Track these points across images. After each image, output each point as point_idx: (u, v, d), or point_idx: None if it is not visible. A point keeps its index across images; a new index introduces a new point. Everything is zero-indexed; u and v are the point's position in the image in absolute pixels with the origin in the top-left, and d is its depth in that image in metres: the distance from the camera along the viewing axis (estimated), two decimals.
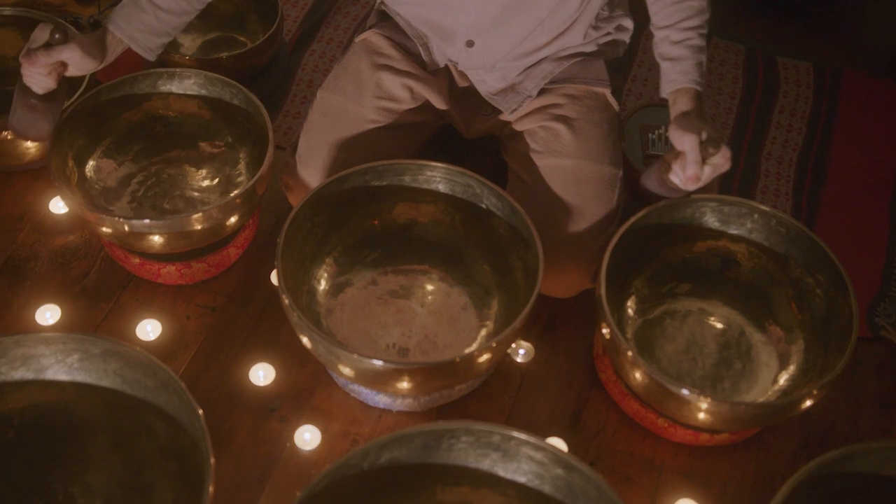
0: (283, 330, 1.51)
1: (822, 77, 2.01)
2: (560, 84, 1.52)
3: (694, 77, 1.38)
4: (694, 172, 1.31)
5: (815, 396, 1.28)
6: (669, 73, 1.40)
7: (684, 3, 1.39)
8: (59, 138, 1.49)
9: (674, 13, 1.40)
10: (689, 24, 1.39)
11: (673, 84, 1.39)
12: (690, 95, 1.37)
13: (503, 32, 1.44)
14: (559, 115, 1.51)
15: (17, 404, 1.24)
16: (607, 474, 1.40)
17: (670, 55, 1.40)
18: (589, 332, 1.55)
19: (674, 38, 1.39)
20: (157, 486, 1.23)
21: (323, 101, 1.55)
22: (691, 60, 1.38)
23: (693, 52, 1.39)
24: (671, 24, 1.40)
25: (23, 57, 1.34)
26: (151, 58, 1.45)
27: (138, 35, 1.41)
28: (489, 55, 1.47)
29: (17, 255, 1.60)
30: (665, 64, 1.41)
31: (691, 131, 1.31)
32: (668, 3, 1.40)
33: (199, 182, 1.63)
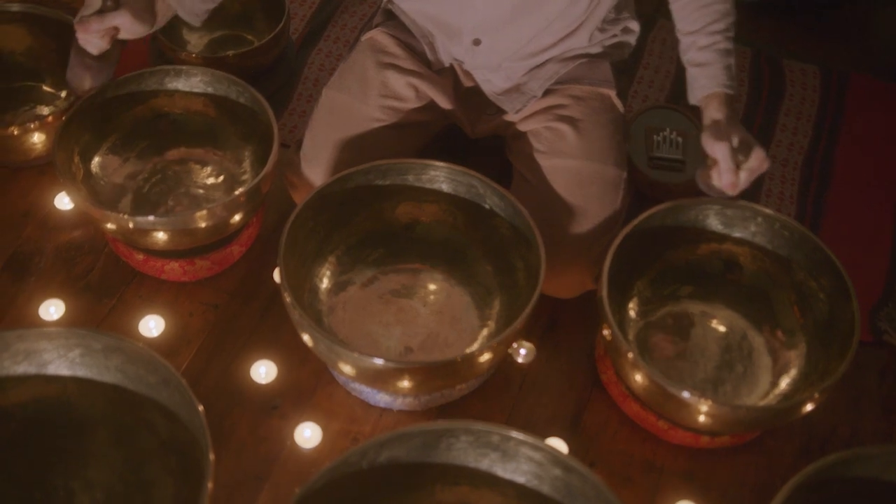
0: (285, 328, 1.51)
1: (828, 80, 2.01)
2: (565, 85, 1.52)
3: (723, 81, 1.37)
4: (729, 180, 1.32)
5: (815, 400, 1.28)
6: (698, 78, 1.39)
7: (710, 7, 1.38)
8: (66, 134, 1.49)
9: (699, 18, 1.39)
10: (716, 27, 1.38)
11: (703, 90, 1.38)
12: (720, 100, 1.37)
13: (511, 32, 1.44)
14: (564, 116, 1.51)
15: (19, 399, 1.24)
16: (607, 475, 1.40)
17: (698, 60, 1.39)
18: (591, 334, 1.55)
19: (700, 43, 1.38)
20: (157, 482, 1.24)
21: (328, 100, 1.55)
22: (719, 64, 1.37)
23: (721, 55, 1.38)
24: (697, 29, 1.39)
25: (77, 23, 1.39)
26: (197, 23, 1.48)
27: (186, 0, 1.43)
28: (495, 55, 1.48)
29: (22, 250, 1.60)
30: (693, 70, 1.40)
31: (722, 139, 1.32)
32: (693, 8, 1.39)
33: (203, 179, 1.63)
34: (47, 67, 1.78)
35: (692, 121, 1.83)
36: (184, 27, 1.90)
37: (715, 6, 1.38)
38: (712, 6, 1.38)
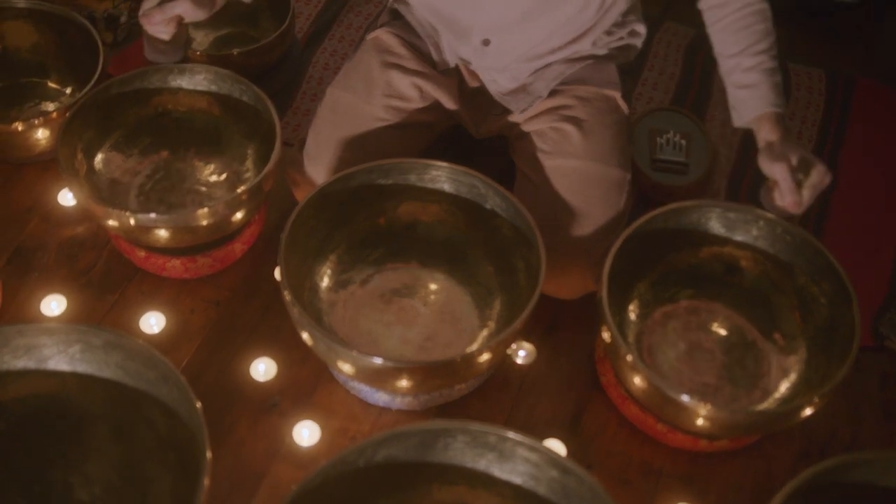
0: (285, 326, 1.52)
1: (834, 85, 2.00)
2: (571, 86, 1.52)
3: (773, 100, 1.36)
4: (793, 199, 1.31)
5: (815, 405, 1.27)
6: (746, 100, 1.38)
7: (751, 28, 1.37)
8: (69, 131, 1.50)
9: (741, 39, 1.38)
10: (759, 47, 1.37)
11: (752, 111, 1.37)
12: (773, 121, 1.36)
13: (520, 34, 1.44)
14: (569, 117, 1.51)
15: (19, 394, 1.25)
16: (605, 477, 1.40)
17: (744, 82, 1.38)
18: (591, 335, 1.55)
19: (745, 65, 1.37)
20: (155, 478, 1.24)
21: (332, 99, 1.56)
22: (767, 84, 1.36)
23: (768, 75, 1.37)
24: (740, 51, 1.38)
25: (141, 16, 1.42)
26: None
27: None
28: (503, 56, 1.48)
29: (25, 245, 1.61)
30: (740, 92, 1.39)
31: (780, 160, 1.31)
32: (733, 31, 1.38)
33: (206, 177, 1.64)
34: (52, 64, 1.79)
35: (696, 123, 1.83)
36: (189, 25, 1.90)
37: (756, 27, 1.37)
38: (753, 27, 1.37)
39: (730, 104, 1.42)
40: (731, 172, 1.83)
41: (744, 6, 1.38)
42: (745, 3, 1.38)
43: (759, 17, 1.38)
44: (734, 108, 1.41)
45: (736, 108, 1.41)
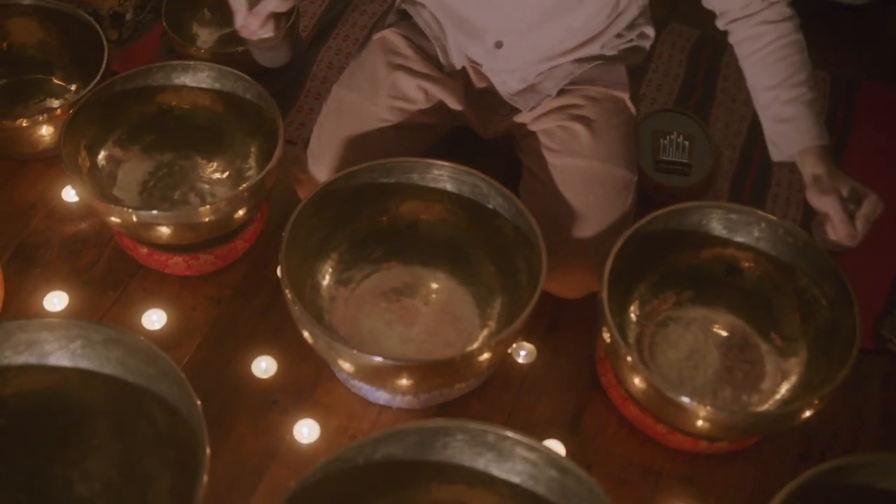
0: (286, 324, 1.52)
1: (838, 87, 2.00)
2: (580, 86, 1.52)
3: (816, 133, 1.32)
4: (847, 232, 1.28)
5: (814, 407, 1.27)
6: (788, 134, 1.34)
7: (787, 59, 1.34)
8: (73, 127, 1.50)
9: (777, 72, 1.34)
10: (797, 79, 1.33)
11: (795, 145, 1.34)
12: (818, 154, 1.32)
13: (533, 37, 1.44)
14: (578, 116, 1.51)
15: (20, 389, 1.26)
16: (604, 478, 1.40)
17: (784, 116, 1.34)
18: (592, 336, 1.55)
19: (784, 97, 1.34)
20: (154, 474, 1.24)
21: (337, 98, 1.56)
22: (809, 117, 1.33)
23: (808, 107, 1.33)
24: (777, 83, 1.34)
25: (238, 29, 1.38)
26: None
27: None
28: (515, 58, 1.47)
29: (28, 241, 1.61)
30: (780, 126, 1.35)
31: (829, 192, 1.28)
32: (769, 63, 1.35)
33: (209, 174, 1.64)
34: (57, 61, 1.80)
35: (699, 124, 1.83)
36: (193, 22, 1.91)
37: (792, 58, 1.34)
38: (789, 58, 1.34)
39: (767, 138, 1.38)
40: (733, 174, 1.83)
41: (779, 37, 1.35)
42: (780, 35, 1.35)
43: (794, 48, 1.35)
44: (773, 143, 1.37)
45: (775, 142, 1.37)
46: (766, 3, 1.35)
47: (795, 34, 1.36)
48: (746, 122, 1.92)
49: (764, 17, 1.36)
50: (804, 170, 1.34)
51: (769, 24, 1.35)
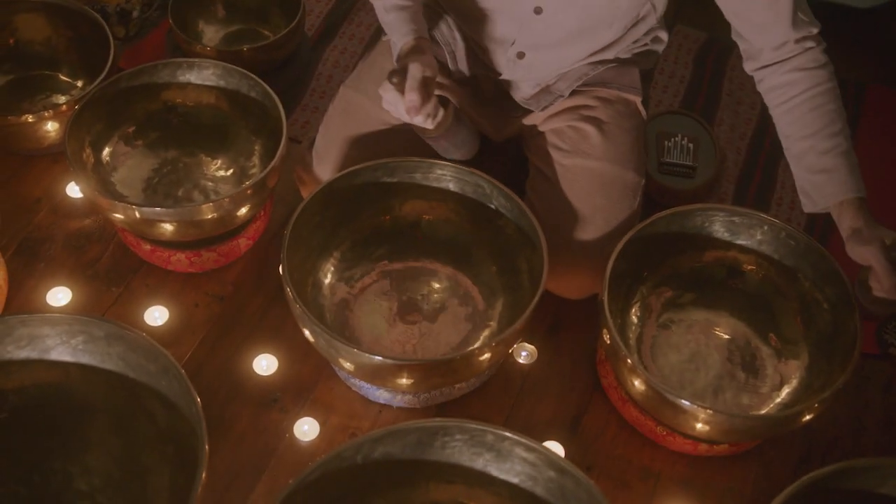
0: (288, 322, 1.52)
1: (845, 91, 1.97)
2: (593, 87, 1.52)
3: (854, 185, 1.28)
4: (891, 282, 1.22)
5: (814, 411, 1.27)
6: (825, 186, 1.30)
7: (821, 108, 1.30)
8: (78, 123, 1.51)
9: (813, 121, 1.30)
10: (833, 129, 1.29)
11: (832, 197, 1.29)
12: (856, 206, 1.28)
13: (557, 52, 1.43)
14: (590, 117, 1.50)
15: (22, 383, 1.26)
16: (604, 479, 1.40)
17: (822, 167, 1.29)
18: (593, 337, 1.54)
19: (821, 148, 1.29)
20: (153, 469, 1.25)
21: (345, 99, 1.55)
22: (846, 168, 1.28)
23: (846, 158, 1.29)
24: (813, 133, 1.30)
25: (409, 118, 1.29)
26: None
27: (423, 25, 1.38)
28: (535, 68, 1.47)
29: (32, 236, 1.62)
30: (816, 177, 1.30)
31: (870, 243, 1.24)
32: (803, 112, 1.30)
33: (213, 172, 1.64)
34: (64, 57, 1.80)
35: (704, 127, 1.83)
36: (199, 20, 1.92)
37: (827, 107, 1.30)
38: (824, 107, 1.30)
39: (800, 188, 1.34)
40: (738, 177, 1.82)
41: (814, 85, 1.30)
42: (815, 83, 1.30)
43: (829, 97, 1.30)
44: (806, 194, 1.33)
45: (810, 193, 1.32)
46: (800, 47, 1.30)
47: (830, 82, 1.31)
48: (752, 124, 1.92)
49: (797, 63, 1.31)
50: (842, 223, 1.29)
51: (803, 72, 1.30)
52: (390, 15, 1.36)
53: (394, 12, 1.36)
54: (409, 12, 1.36)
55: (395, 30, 1.35)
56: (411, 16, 1.35)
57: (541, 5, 1.35)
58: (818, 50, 1.32)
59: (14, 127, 1.60)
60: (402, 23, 1.34)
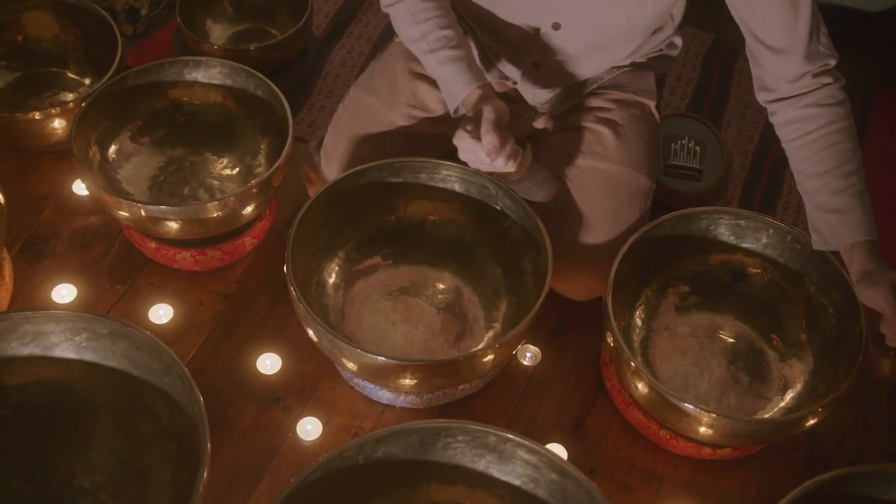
0: (292, 321, 1.52)
1: (853, 94, 1.98)
2: (608, 90, 1.52)
3: (867, 228, 1.25)
4: None
5: (818, 416, 1.26)
6: (837, 226, 1.26)
7: (838, 146, 1.27)
8: (84, 121, 1.51)
9: (828, 158, 1.26)
10: (848, 168, 1.26)
11: (844, 238, 1.26)
12: (867, 249, 1.24)
13: (574, 65, 1.43)
14: (605, 119, 1.50)
15: (26, 379, 1.27)
16: (606, 482, 1.40)
17: (833, 206, 1.26)
18: (597, 339, 1.54)
19: (834, 187, 1.26)
20: (155, 467, 1.25)
21: (355, 100, 1.55)
22: (859, 210, 1.25)
23: (859, 198, 1.25)
24: (827, 171, 1.26)
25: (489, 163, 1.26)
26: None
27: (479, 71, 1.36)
28: (549, 79, 1.46)
29: (38, 233, 1.62)
30: (829, 217, 1.27)
31: (880, 284, 1.20)
32: (818, 148, 1.27)
33: (219, 170, 1.65)
34: (72, 54, 1.81)
35: (711, 130, 1.82)
36: (207, 19, 1.92)
37: (843, 145, 1.27)
38: (840, 145, 1.27)
39: (811, 224, 1.31)
40: (745, 181, 1.82)
41: (829, 122, 1.27)
42: (831, 119, 1.27)
43: (845, 135, 1.27)
44: (818, 231, 1.30)
45: (821, 231, 1.29)
46: (817, 82, 1.27)
47: (846, 120, 1.28)
48: (759, 128, 1.91)
49: (814, 98, 1.28)
50: (852, 265, 1.26)
51: (820, 108, 1.27)
52: (447, 68, 1.33)
53: (450, 64, 1.33)
54: (465, 62, 1.33)
55: (455, 81, 1.32)
56: (468, 65, 1.33)
57: (559, 21, 1.34)
58: (836, 87, 1.28)
59: (21, 124, 1.61)
60: (461, 73, 1.32)
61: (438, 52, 1.34)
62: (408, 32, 1.36)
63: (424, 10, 1.35)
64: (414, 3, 1.35)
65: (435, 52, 1.34)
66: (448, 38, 1.34)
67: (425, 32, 1.34)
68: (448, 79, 1.33)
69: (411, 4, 1.35)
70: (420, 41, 1.35)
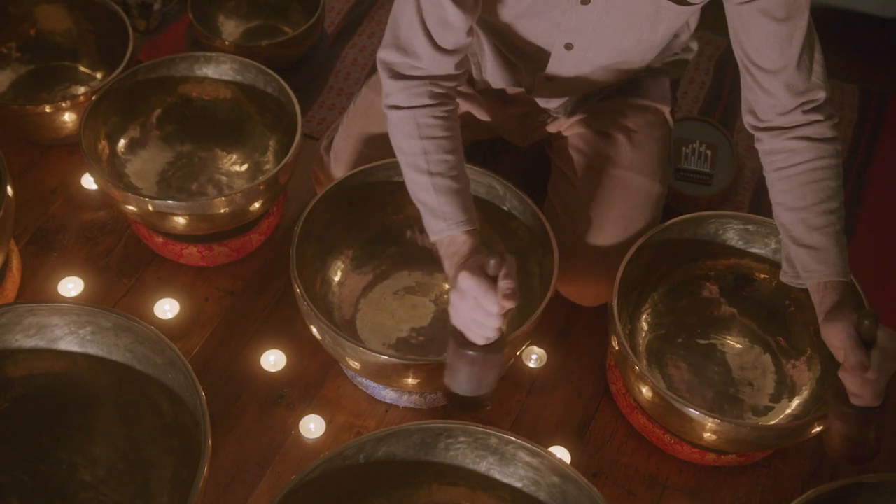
0: (297, 318, 1.52)
1: (867, 101, 1.97)
2: (623, 95, 1.51)
3: (841, 269, 1.20)
4: (857, 359, 1.10)
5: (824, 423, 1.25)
6: (810, 264, 1.21)
7: (821, 182, 1.22)
8: (94, 115, 1.52)
9: (809, 194, 1.22)
10: (830, 206, 1.21)
11: (816, 276, 1.21)
12: (841, 291, 1.19)
13: (588, 80, 1.42)
14: (619, 124, 1.49)
15: (30, 372, 1.27)
16: (609, 487, 1.39)
17: (809, 243, 1.22)
18: (604, 342, 1.53)
19: (812, 223, 1.21)
20: (157, 462, 1.25)
21: (367, 101, 1.54)
22: (836, 250, 1.20)
23: (835, 238, 1.21)
24: (807, 206, 1.22)
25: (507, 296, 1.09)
26: None
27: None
28: (563, 89, 1.45)
29: (47, 226, 1.63)
30: (802, 252, 1.22)
31: (841, 320, 1.14)
32: (801, 183, 1.23)
33: (228, 166, 1.65)
34: (84, 48, 1.81)
35: (723, 134, 1.81)
36: (220, 14, 1.92)
37: (826, 182, 1.22)
38: (823, 182, 1.22)
39: (784, 256, 1.26)
40: (755, 186, 1.80)
41: (816, 158, 1.22)
42: (818, 155, 1.22)
43: (831, 173, 1.22)
44: (791, 263, 1.25)
45: (794, 265, 1.24)
46: (808, 119, 1.22)
47: (834, 158, 1.23)
48: None
49: (803, 132, 1.23)
50: (820, 304, 1.20)
51: (808, 142, 1.23)
52: (442, 197, 1.22)
53: (447, 195, 1.22)
54: (462, 198, 1.23)
55: (446, 216, 1.22)
56: (464, 203, 1.23)
57: (571, 42, 1.32)
58: (827, 124, 1.23)
59: (32, 116, 1.61)
60: (456, 209, 1.22)
61: (436, 176, 1.23)
62: (406, 143, 1.25)
63: (433, 126, 1.24)
64: (423, 116, 1.24)
65: (433, 176, 1.23)
66: (451, 164, 1.24)
67: (427, 150, 1.24)
68: (438, 209, 1.23)
69: (420, 115, 1.24)
70: (418, 157, 1.24)
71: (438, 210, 1.23)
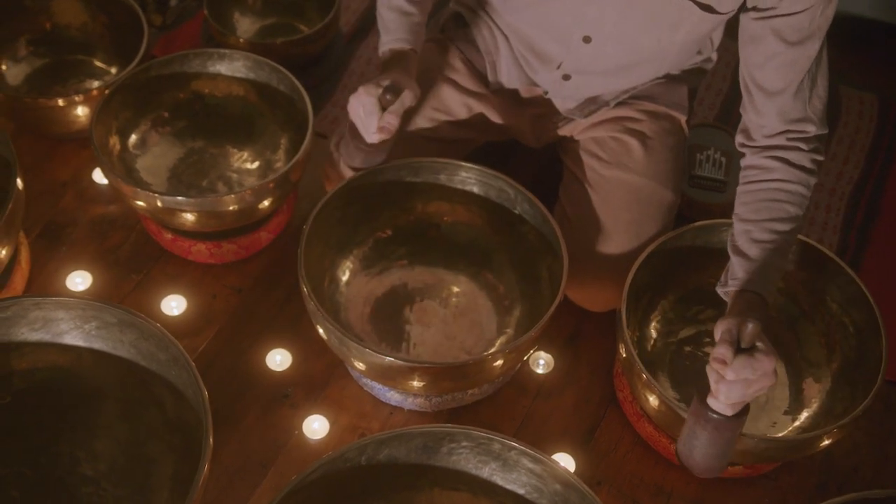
0: (304, 318, 1.51)
1: (886, 110, 1.95)
2: (639, 100, 1.49)
3: (762, 285, 1.19)
4: (721, 352, 1.09)
5: (833, 436, 1.23)
6: (737, 271, 1.21)
7: (778, 202, 1.22)
8: (106, 109, 1.52)
9: (762, 209, 1.23)
10: (777, 226, 1.21)
11: (737, 283, 1.20)
12: (750, 301, 1.18)
13: (605, 80, 1.41)
14: (634, 130, 1.48)
15: (34, 365, 1.27)
16: (613, 496, 1.37)
17: (744, 251, 1.22)
18: (612, 349, 1.52)
19: (754, 236, 1.22)
20: (159, 458, 1.25)
21: None
22: (765, 266, 1.20)
23: (771, 256, 1.20)
24: (756, 220, 1.22)
25: (378, 131, 1.28)
26: None
27: (420, 39, 1.39)
28: (579, 90, 1.44)
29: (57, 220, 1.63)
30: (735, 259, 1.23)
31: (732, 318, 1.13)
32: (759, 199, 1.23)
33: (239, 164, 1.64)
34: (99, 43, 1.81)
35: None
36: (235, 11, 1.92)
37: (784, 205, 1.22)
38: (781, 204, 1.22)
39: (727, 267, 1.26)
40: None
41: (786, 180, 1.23)
42: (788, 179, 1.23)
43: (793, 198, 1.22)
44: (724, 273, 1.25)
45: (727, 274, 1.24)
46: (790, 144, 1.23)
47: (803, 187, 1.23)
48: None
49: (781, 154, 1.24)
50: (729, 310, 1.19)
51: (782, 163, 1.23)
52: (391, 14, 1.36)
53: (395, 13, 1.36)
54: (411, 21, 1.36)
55: (391, 31, 1.36)
56: (411, 26, 1.36)
57: (590, 34, 1.32)
58: (807, 156, 1.23)
59: (45, 110, 1.61)
60: (399, 28, 1.35)
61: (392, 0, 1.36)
62: None
63: None
64: None
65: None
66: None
67: None
68: (386, 26, 1.36)
69: None
70: None
71: (389, 27, 1.36)
